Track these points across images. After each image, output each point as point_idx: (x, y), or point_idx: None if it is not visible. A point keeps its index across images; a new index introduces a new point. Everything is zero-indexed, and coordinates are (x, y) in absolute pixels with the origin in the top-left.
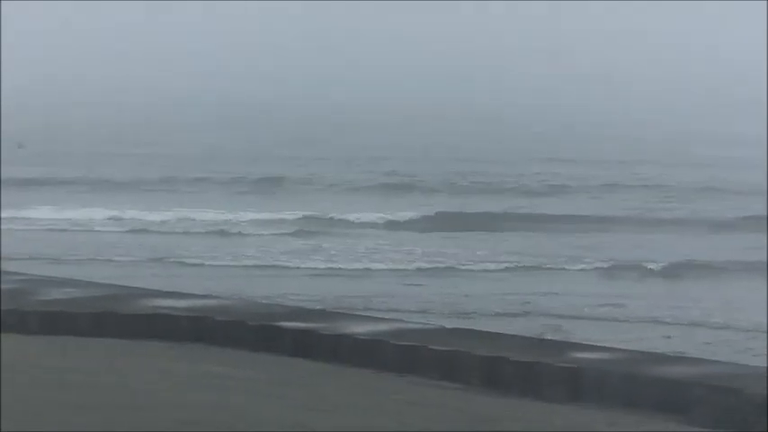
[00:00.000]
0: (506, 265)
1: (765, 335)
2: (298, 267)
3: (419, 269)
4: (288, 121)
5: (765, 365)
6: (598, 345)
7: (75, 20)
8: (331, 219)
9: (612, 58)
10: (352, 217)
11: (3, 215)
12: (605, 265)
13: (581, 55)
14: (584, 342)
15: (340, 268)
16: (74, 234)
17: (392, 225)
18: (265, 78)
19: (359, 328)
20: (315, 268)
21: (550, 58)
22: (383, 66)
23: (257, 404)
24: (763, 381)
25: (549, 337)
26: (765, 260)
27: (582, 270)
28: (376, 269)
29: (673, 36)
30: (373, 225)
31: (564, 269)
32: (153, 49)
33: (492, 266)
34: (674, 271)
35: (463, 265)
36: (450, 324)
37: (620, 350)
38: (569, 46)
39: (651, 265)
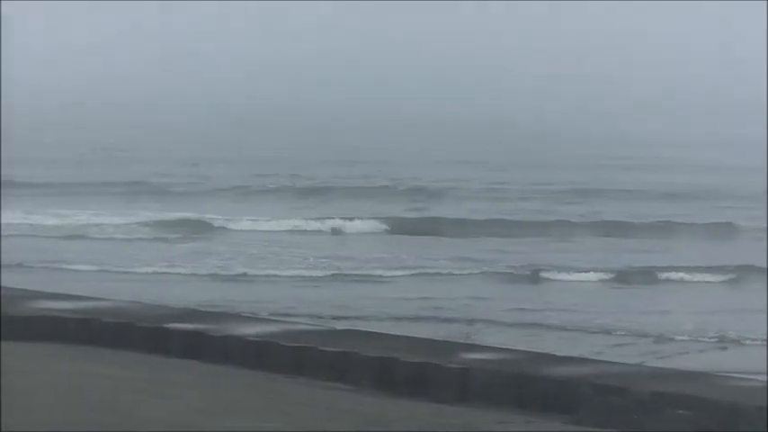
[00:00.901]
0: (404, 271)
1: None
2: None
3: (306, 276)
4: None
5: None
6: (488, 345)
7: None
8: (210, 223)
9: (580, 57)
10: (245, 221)
11: None
12: (506, 270)
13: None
14: (474, 343)
15: (222, 274)
16: None
17: (287, 231)
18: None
19: (249, 330)
20: (197, 274)
21: (491, 57)
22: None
23: (147, 406)
24: (649, 379)
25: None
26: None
27: (480, 274)
28: (267, 274)
29: (662, 36)
30: (274, 231)
31: (462, 274)
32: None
33: (388, 273)
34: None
35: (359, 269)
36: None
37: (509, 350)
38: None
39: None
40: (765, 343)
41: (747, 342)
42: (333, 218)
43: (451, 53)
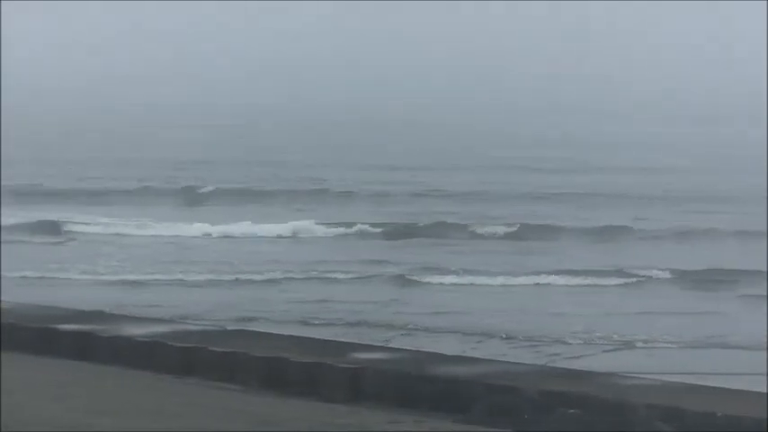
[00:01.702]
0: (284, 274)
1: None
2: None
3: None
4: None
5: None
6: (379, 345)
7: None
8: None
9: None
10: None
11: None
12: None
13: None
14: (365, 343)
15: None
16: None
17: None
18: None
19: (138, 331)
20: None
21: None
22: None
23: (37, 406)
24: (539, 379)
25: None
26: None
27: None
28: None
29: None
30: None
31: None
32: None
33: (279, 275)
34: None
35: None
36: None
37: (400, 350)
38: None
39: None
40: (653, 345)
41: (639, 344)
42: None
43: (385, 53)
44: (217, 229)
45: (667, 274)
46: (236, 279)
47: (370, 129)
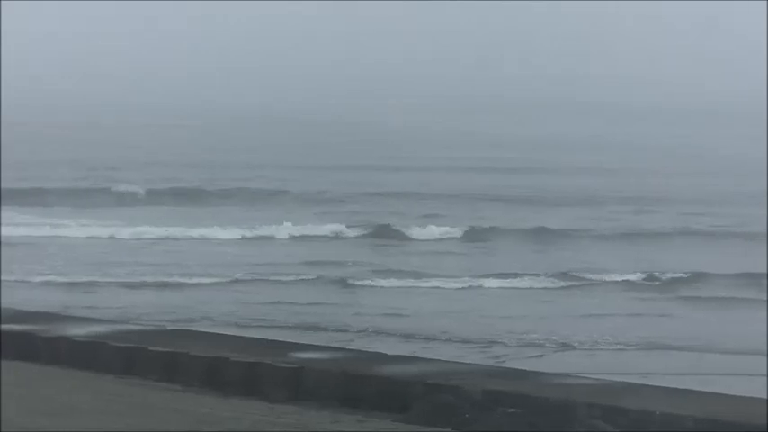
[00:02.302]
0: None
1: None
2: None
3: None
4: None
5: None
6: (320, 345)
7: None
8: None
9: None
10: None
11: None
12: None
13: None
14: (306, 343)
15: None
16: None
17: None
18: None
19: (78, 331)
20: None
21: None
22: None
23: None
24: (481, 378)
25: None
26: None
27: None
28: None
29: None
30: None
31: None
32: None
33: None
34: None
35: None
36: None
37: (341, 350)
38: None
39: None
40: (594, 346)
41: (579, 345)
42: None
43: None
44: (156, 231)
45: (612, 277)
46: (175, 282)
47: (312, 128)
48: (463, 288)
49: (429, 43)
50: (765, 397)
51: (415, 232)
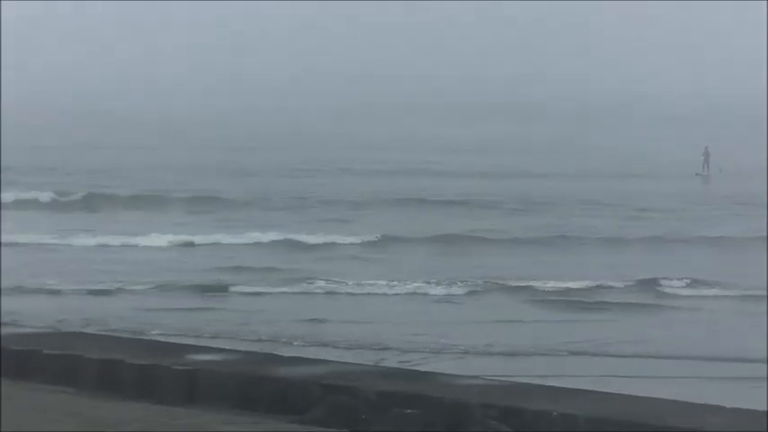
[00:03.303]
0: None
1: None
2: None
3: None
4: None
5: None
6: (214, 347)
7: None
8: None
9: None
10: None
11: None
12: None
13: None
14: (200, 345)
15: None
16: None
17: None
18: None
19: None
20: None
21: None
22: None
23: None
24: (377, 379)
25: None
26: None
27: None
28: None
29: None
30: None
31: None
32: None
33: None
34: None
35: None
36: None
37: (236, 352)
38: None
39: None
40: (487, 350)
41: (473, 350)
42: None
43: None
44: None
45: (508, 283)
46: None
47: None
48: (359, 294)
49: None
50: (654, 396)
51: (318, 239)
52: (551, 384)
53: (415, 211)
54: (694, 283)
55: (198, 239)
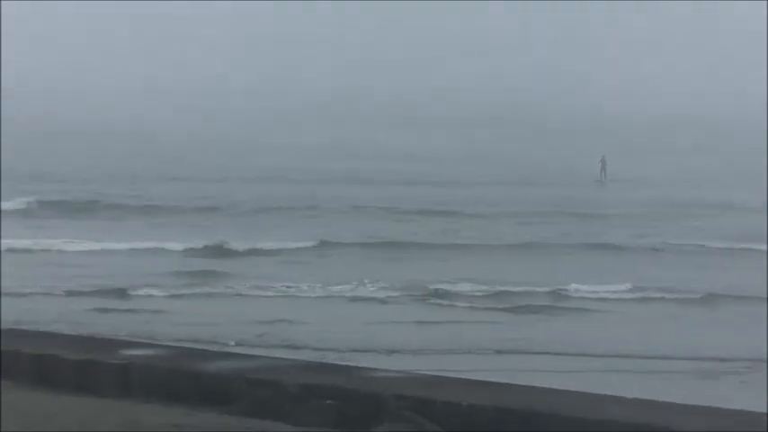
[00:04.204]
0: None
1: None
2: None
3: None
4: None
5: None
6: (146, 342)
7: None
8: None
9: None
10: None
11: None
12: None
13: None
14: (133, 339)
15: None
16: None
17: None
18: None
19: None
20: None
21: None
22: None
23: None
24: (299, 372)
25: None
26: None
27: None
28: None
29: None
30: None
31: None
32: None
33: None
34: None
35: None
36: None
37: (167, 347)
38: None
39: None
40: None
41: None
42: None
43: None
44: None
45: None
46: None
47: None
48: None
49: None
50: (554, 387)
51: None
52: (463, 377)
53: (351, 218)
54: (593, 284)
55: (124, 246)
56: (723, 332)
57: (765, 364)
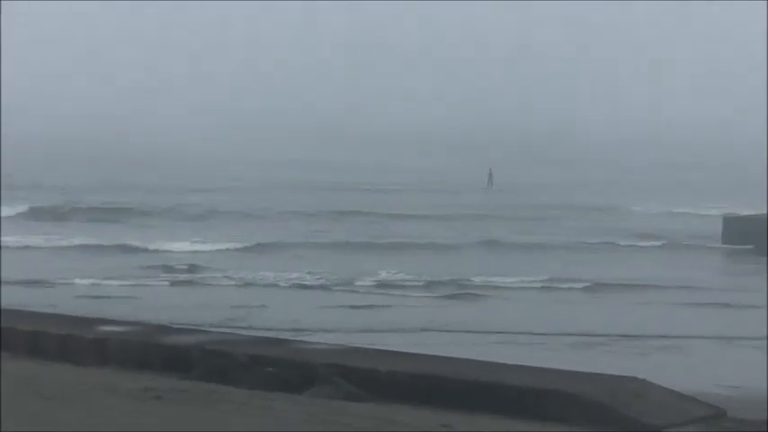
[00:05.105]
0: None
1: None
2: None
3: None
4: None
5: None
6: (120, 320)
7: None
8: None
9: None
10: None
11: None
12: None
13: None
14: (110, 318)
15: None
16: None
17: None
18: None
19: None
20: None
21: None
22: None
23: None
24: (247, 345)
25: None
26: None
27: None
28: None
29: None
30: None
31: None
32: None
33: None
34: None
35: None
36: None
37: (138, 323)
38: None
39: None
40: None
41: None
42: None
43: None
44: None
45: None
46: None
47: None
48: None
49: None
50: (461, 357)
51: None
52: (381, 348)
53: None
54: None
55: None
56: (597, 313)
57: (626, 337)
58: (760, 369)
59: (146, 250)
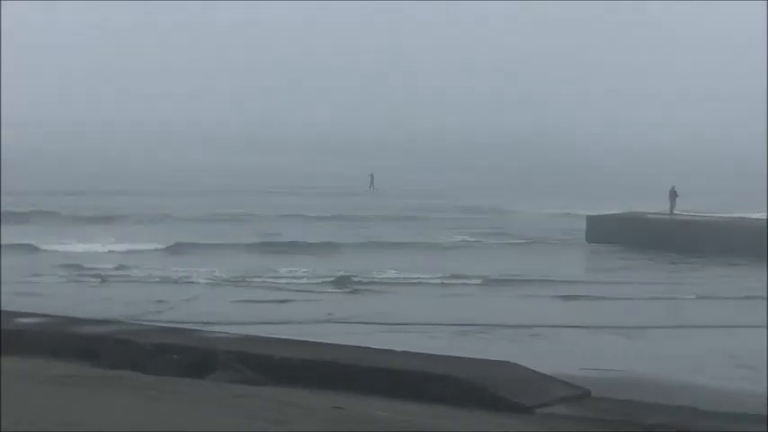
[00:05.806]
0: None
1: None
2: None
3: None
4: None
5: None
6: (38, 312)
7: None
8: None
9: None
10: None
11: None
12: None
13: None
14: (29, 311)
15: None
16: None
17: None
18: None
19: None
20: None
21: None
22: None
23: None
24: (155, 334)
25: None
26: None
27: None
28: None
29: None
30: None
31: None
32: None
33: None
34: None
35: None
36: None
37: (51, 316)
38: None
39: None
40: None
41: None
42: None
43: None
44: None
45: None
46: None
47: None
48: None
49: None
50: (358, 345)
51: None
52: (277, 337)
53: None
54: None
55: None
56: (481, 305)
57: (499, 327)
58: (620, 354)
59: (56, 252)
